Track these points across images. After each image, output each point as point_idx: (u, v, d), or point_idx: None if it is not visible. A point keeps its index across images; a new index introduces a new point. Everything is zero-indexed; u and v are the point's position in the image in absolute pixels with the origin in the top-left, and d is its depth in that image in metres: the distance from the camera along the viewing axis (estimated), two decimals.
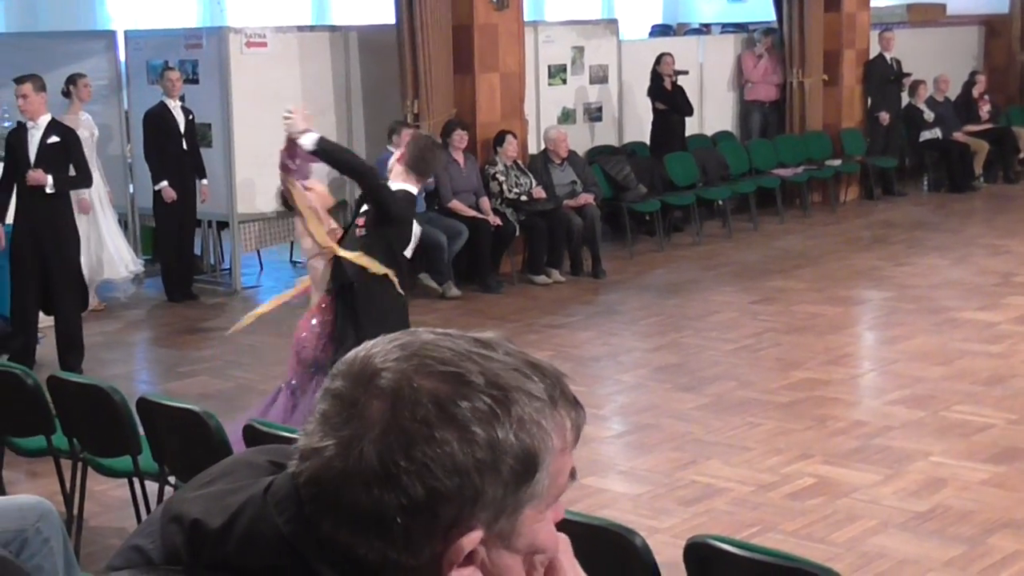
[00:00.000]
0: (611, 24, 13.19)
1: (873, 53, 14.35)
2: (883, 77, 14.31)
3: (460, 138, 10.27)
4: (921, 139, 14.54)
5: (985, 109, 15.00)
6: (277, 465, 1.23)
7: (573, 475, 1.22)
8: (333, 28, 11.66)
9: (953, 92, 15.04)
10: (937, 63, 15.33)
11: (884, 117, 14.19)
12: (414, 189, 5.42)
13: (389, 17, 10.62)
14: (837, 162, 13.59)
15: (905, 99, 14.55)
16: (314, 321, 5.41)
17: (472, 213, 10.16)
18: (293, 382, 5.43)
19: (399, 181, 5.38)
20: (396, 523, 1.12)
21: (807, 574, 3.01)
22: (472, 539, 1.14)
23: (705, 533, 3.30)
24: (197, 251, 10.78)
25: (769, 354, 7.95)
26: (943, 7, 16.51)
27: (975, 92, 15.09)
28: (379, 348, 1.19)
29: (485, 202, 10.29)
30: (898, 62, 14.39)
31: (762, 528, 5.23)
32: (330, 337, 5.34)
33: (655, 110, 12.54)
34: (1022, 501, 5.43)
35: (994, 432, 6.32)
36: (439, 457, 1.12)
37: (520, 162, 10.70)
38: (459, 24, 10.53)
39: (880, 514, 5.31)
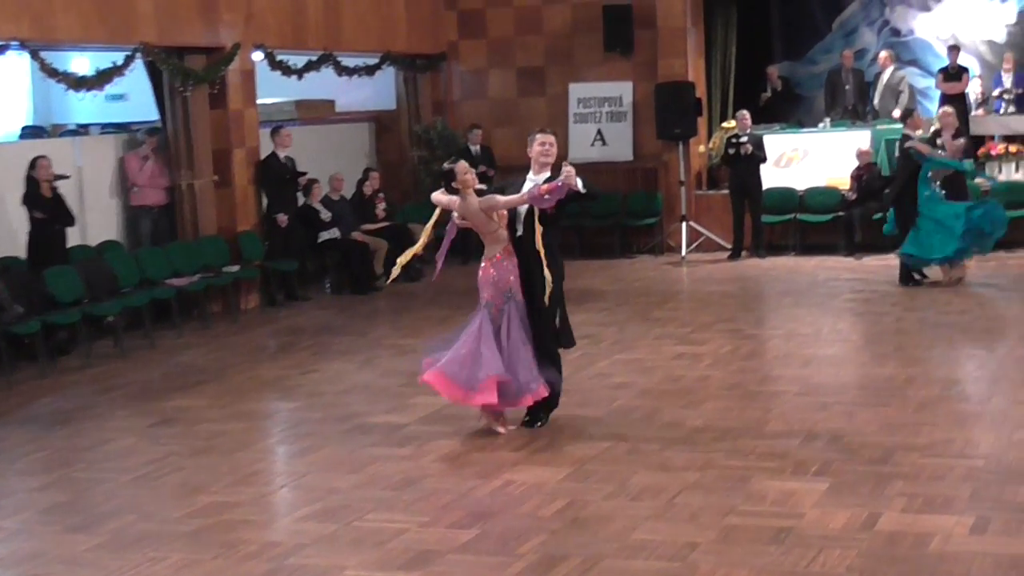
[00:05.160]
0: None
1: (266, 152, 14.12)
2: (278, 177, 14.09)
3: None
4: (320, 240, 14.39)
5: (381, 207, 15.16)
6: None
7: None
8: None
9: (348, 190, 15.10)
10: (331, 161, 15.50)
11: (282, 219, 13.95)
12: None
13: None
14: (235, 268, 13.31)
15: (301, 199, 14.35)
16: (501, 261, 7.99)
17: None
18: (489, 301, 7.96)
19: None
20: None
21: None
22: None
23: None
24: None
25: (172, 480, 7.59)
26: (332, 103, 16.71)
27: (368, 189, 15.20)
28: None
29: None
30: (292, 160, 14.25)
31: None
32: (519, 272, 8.00)
33: (32, 220, 11.82)
34: None
35: (407, 537, 6.30)
36: None
37: None
38: None
39: None
